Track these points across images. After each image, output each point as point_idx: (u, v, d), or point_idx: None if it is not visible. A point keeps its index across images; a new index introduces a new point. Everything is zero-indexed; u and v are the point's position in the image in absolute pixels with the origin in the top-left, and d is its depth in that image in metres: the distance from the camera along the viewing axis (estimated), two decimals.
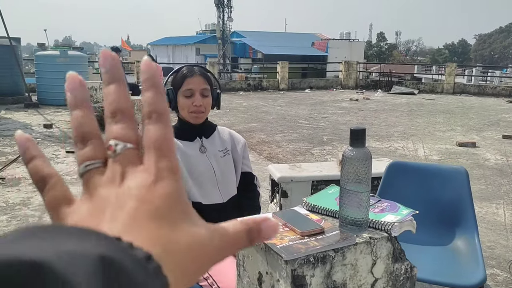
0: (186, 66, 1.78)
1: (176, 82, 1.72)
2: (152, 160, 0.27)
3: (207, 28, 43.86)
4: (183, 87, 1.70)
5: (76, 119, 0.30)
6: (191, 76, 1.71)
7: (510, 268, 2.74)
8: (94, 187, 0.27)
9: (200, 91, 1.71)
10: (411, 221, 1.31)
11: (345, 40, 39.46)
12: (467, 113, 9.91)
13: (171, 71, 6.43)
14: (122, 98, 0.30)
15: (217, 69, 15.25)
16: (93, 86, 8.49)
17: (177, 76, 1.74)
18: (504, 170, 5.07)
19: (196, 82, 1.70)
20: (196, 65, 1.82)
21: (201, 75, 1.73)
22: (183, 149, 1.70)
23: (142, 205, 0.25)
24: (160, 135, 0.28)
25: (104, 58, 0.30)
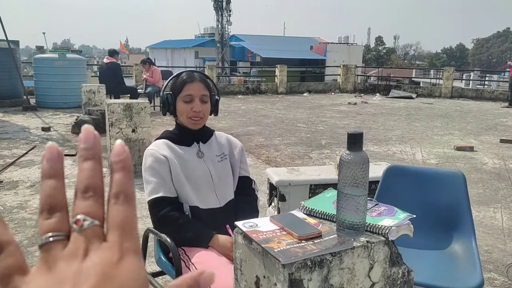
0: (186, 72, 1.79)
1: (176, 87, 1.73)
2: (117, 239, 0.28)
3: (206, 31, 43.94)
4: (183, 93, 1.71)
5: (47, 188, 0.30)
6: (191, 82, 1.72)
7: (507, 272, 2.74)
8: (54, 260, 0.27)
9: (200, 97, 1.72)
10: (408, 225, 1.32)
11: (344, 44, 39.56)
12: (465, 117, 9.94)
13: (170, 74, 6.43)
14: (97, 176, 0.31)
15: (215, 72, 15.26)
16: (91, 89, 8.49)
17: (177, 81, 1.75)
18: (501, 174, 5.08)
19: (196, 88, 1.72)
20: (195, 70, 1.83)
21: (201, 81, 1.74)
22: (181, 154, 1.71)
23: (106, 281, 0.26)
24: (126, 216, 0.29)
25: (86, 135, 0.31)
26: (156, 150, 1.70)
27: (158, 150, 1.69)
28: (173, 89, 1.75)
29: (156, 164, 1.66)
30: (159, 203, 1.64)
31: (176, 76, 1.78)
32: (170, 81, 1.79)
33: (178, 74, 1.78)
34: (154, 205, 1.65)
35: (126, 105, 4.65)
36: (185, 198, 1.67)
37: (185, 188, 1.67)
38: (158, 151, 1.69)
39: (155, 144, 1.75)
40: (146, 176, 1.67)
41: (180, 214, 1.65)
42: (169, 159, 1.67)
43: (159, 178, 1.65)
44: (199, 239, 1.63)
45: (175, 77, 1.78)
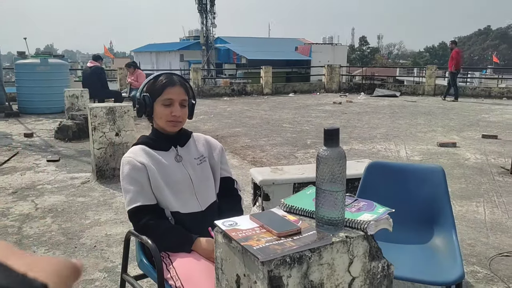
0: (165, 74, 1.75)
1: (155, 90, 1.70)
2: None
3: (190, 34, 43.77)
4: (163, 96, 1.68)
5: None
6: (172, 86, 1.69)
7: (490, 265, 2.78)
8: None
9: (180, 101, 1.70)
10: (387, 220, 1.33)
11: (328, 44, 39.81)
12: (447, 114, 10.07)
13: None
14: None
15: (201, 75, 15.22)
16: (74, 94, 8.40)
17: (155, 83, 1.71)
18: (484, 169, 5.16)
19: (176, 93, 1.69)
20: (174, 73, 1.77)
21: (181, 85, 1.72)
22: (159, 159, 1.68)
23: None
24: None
25: None
26: (133, 158, 1.66)
27: (135, 157, 1.66)
28: (151, 92, 1.70)
29: (134, 172, 1.63)
30: (138, 212, 1.61)
31: (154, 78, 1.74)
32: (148, 82, 1.75)
33: (157, 76, 1.74)
34: (134, 215, 1.62)
35: (109, 108, 4.61)
36: (166, 204, 1.65)
37: (164, 194, 1.64)
38: (135, 158, 1.65)
39: (132, 151, 1.71)
40: (124, 185, 1.64)
41: (160, 221, 1.62)
42: (147, 166, 1.64)
43: (137, 186, 1.62)
44: (181, 244, 1.61)
45: (153, 79, 1.74)
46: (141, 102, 1.71)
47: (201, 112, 9.98)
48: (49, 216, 3.66)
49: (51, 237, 3.21)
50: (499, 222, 3.52)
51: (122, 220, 3.53)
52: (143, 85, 1.76)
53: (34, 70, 10.05)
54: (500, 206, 3.90)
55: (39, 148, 6.41)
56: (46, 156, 5.78)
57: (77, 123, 7.06)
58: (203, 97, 13.98)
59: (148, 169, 1.63)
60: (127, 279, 1.79)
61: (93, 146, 4.63)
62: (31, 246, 3.06)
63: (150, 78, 1.76)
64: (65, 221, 3.54)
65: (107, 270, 2.70)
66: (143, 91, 1.72)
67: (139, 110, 1.74)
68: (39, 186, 4.51)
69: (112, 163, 4.67)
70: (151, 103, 1.70)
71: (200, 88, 14.47)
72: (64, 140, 6.83)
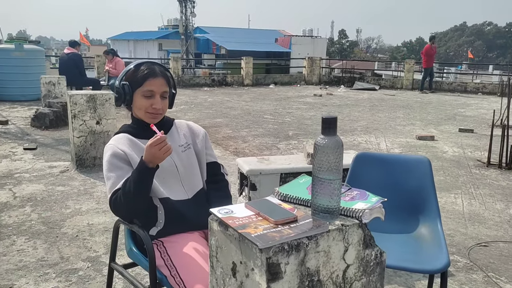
0: (146, 63, 1.70)
1: (136, 80, 1.65)
2: None
3: (169, 23, 43.17)
4: (144, 87, 1.64)
5: None
6: (153, 77, 1.65)
7: (469, 254, 2.86)
8: None
9: (161, 93, 1.67)
10: (380, 208, 1.35)
11: (308, 36, 39.90)
12: (425, 108, 10.26)
13: None
14: None
15: (180, 64, 15.05)
16: (51, 81, 8.19)
17: (136, 73, 1.66)
18: (461, 162, 5.29)
19: (158, 84, 1.66)
20: (155, 62, 1.73)
21: (163, 77, 1.68)
22: (142, 148, 1.61)
23: None
24: None
25: None
26: (114, 144, 1.62)
27: (117, 145, 1.62)
28: (131, 81, 1.66)
29: (115, 159, 1.59)
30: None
31: (135, 66, 1.69)
32: (128, 71, 1.69)
33: (138, 65, 1.69)
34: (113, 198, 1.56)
35: (89, 96, 4.51)
36: (154, 192, 1.62)
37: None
38: (117, 146, 1.62)
39: (114, 138, 1.67)
40: (106, 172, 1.59)
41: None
42: (129, 155, 1.60)
43: (118, 171, 1.57)
44: (139, 175, 1.51)
45: (134, 67, 1.69)
46: (120, 91, 1.66)
47: (181, 102, 9.88)
48: (28, 205, 3.57)
49: (31, 226, 3.14)
50: (477, 213, 3.62)
51: (104, 209, 3.47)
52: (123, 73, 1.70)
53: (9, 56, 9.73)
54: (477, 197, 4.01)
55: (15, 136, 6.23)
56: (23, 144, 5.63)
57: (54, 111, 6.89)
58: (183, 87, 13.84)
59: (130, 157, 1.59)
60: (115, 268, 1.77)
61: (72, 135, 4.53)
62: (11, 235, 2.98)
63: (130, 66, 1.71)
64: (45, 210, 3.47)
65: (91, 260, 2.66)
66: (123, 80, 1.67)
67: (117, 99, 1.69)
68: (16, 174, 4.39)
69: (92, 152, 4.59)
70: (131, 93, 1.66)
71: (180, 78, 14.32)
72: (41, 128, 6.66)
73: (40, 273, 2.49)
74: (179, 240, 1.60)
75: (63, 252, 2.75)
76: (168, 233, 1.63)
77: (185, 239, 1.60)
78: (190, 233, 1.64)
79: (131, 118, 1.76)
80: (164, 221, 1.63)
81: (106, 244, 2.87)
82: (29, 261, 2.63)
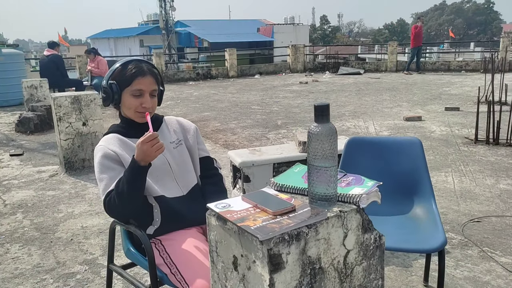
0: (134, 62, 1.67)
1: (124, 79, 1.62)
2: None
3: (149, 18, 42.66)
4: (133, 87, 1.62)
5: None
6: (142, 76, 1.62)
7: (463, 230, 2.90)
8: None
9: (150, 92, 1.64)
10: (376, 192, 1.35)
11: (290, 24, 39.77)
12: (411, 89, 10.33)
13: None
14: None
15: (163, 60, 14.91)
16: (32, 84, 8.05)
17: (124, 72, 1.63)
18: (449, 140, 5.35)
19: (147, 83, 1.63)
20: (143, 60, 1.70)
21: (151, 75, 1.65)
22: (133, 147, 1.59)
23: None
24: None
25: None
26: (104, 145, 1.60)
27: (107, 145, 1.60)
28: (119, 80, 1.63)
29: (106, 160, 1.57)
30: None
31: (122, 65, 1.66)
32: (115, 70, 1.66)
33: (125, 64, 1.66)
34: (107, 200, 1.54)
35: (74, 97, 4.44)
36: (148, 191, 1.60)
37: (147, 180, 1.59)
38: (107, 146, 1.60)
39: (104, 139, 1.65)
40: (98, 174, 1.57)
41: None
42: (120, 155, 1.58)
43: (110, 172, 1.55)
44: (132, 175, 1.49)
45: (121, 66, 1.66)
46: (107, 91, 1.63)
47: (167, 98, 9.80)
48: (19, 211, 3.52)
49: (24, 233, 3.10)
50: (468, 190, 3.67)
51: (98, 211, 3.44)
52: (109, 72, 1.67)
53: None
54: (468, 174, 4.06)
55: (0, 142, 6.13)
56: (9, 151, 5.54)
57: (39, 115, 6.79)
58: (167, 82, 13.73)
59: (122, 157, 1.58)
60: (114, 269, 1.76)
61: (59, 138, 4.47)
62: (4, 243, 2.94)
63: (117, 65, 1.68)
64: (37, 216, 3.42)
65: (87, 263, 2.64)
66: (110, 79, 1.64)
67: (105, 99, 1.66)
68: (4, 181, 4.32)
69: (81, 154, 4.54)
70: (119, 92, 1.63)
71: (164, 73, 14.19)
72: (26, 133, 6.56)
73: (37, 280, 2.46)
74: (177, 237, 1.59)
75: (59, 257, 2.73)
76: (166, 231, 1.62)
77: (183, 236, 1.59)
78: (187, 230, 1.64)
79: (119, 118, 1.73)
80: (160, 219, 1.62)
81: (102, 246, 2.85)
82: (25, 268, 2.60)
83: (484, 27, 65.86)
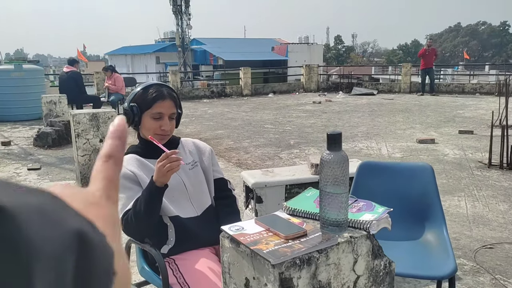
0: (154, 86, 1.74)
1: (145, 102, 1.69)
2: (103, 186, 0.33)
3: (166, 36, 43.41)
4: (153, 110, 1.68)
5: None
6: (162, 99, 1.69)
7: (475, 257, 2.88)
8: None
9: (169, 115, 1.71)
10: (387, 219, 1.38)
11: (304, 44, 40.09)
12: (424, 111, 10.31)
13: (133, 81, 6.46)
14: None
15: (179, 77, 15.14)
16: (52, 100, 8.25)
17: (145, 95, 1.70)
18: (462, 164, 5.32)
19: (167, 106, 1.70)
20: (164, 84, 1.77)
21: (171, 99, 1.72)
22: (151, 168, 1.66)
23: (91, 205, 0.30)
24: (114, 174, 0.35)
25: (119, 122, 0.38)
26: (124, 165, 1.66)
27: (126, 166, 1.66)
28: (140, 103, 1.70)
29: (124, 180, 1.63)
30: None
31: (143, 89, 1.73)
32: (136, 93, 1.73)
33: (146, 88, 1.73)
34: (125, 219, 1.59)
35: (92, 115, 4.56)
36: (164, 211, 1.65)
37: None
38: (126, 167, 1.65)
39: (123, 159, 1.71)
40: None
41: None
42: (138, 175, 1.64)
43: (128, 192, 1.61)
44: (149, 195, 1.55)
45: (143, 89, 1.73)
46: (128, 113, 1.70)
47: (182, 115, 9.90)
48: None
49: None
50: (481, 215, 3.65)
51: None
52: (131, 96, 1.74)
53: (9, 76, 9.81)
54: (481, 199, 4.03)
55: (18, 156, 6.27)
56: (27, 165, 5.66)
57: (57, 130, 6.94)
58: (182, 99, 13.76)
59: (140, 178, 1.64)
60: None
61: (76, 153, 4.57)
62: None
63: (139, 89, 1.75)
64: None
65: None
66: (131, 101, 1.71)
67: (126, 120, 1.72)
68: None
69: None
70: (140, 114, 1.70)
71: (179, 90, 14.40)
72: (44, 148, 6.70)
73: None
74: (190, 257, 1.63)
75: None
76: (179, 251, 1.66)
77: (196, 256, 1.63)
78: (201, 250, 1.68)
79: (138, 139, 1.80)
80: (175, 239, 1.66)
81: None
82: None
83: (499, 50, 65.52)
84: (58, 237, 0.23)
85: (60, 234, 0.23)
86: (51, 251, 0.23)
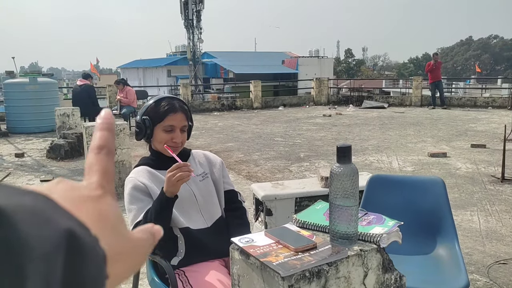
0: (166, 99, 1.76)
1: (157, 115, 1.71)
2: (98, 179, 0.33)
3: (177, 50, 43.92)
4: (165, 122, 1.71)
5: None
6: (174, 112, 1.71)
7: (488, 272, 2.83)
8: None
9: (181, 127, 1.73)
10: (397, 232, 1.37)
11: (314, 57, 40.25)
12: (436, 124, 10.24)
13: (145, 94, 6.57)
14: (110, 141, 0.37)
15: (190, 90, 15.28)
16: (65, 112, 8.38)
17: (157, 108, 1.73)
18: (475, 178, 5.26)
19: (178, 119, 1.72)
20: (175, 97, 1.80)
21: (183, 112, 1.74)
22: (162, 179, 1.67)
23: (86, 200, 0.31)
24: (107, 165, 0.35)
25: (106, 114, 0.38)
26: (134, 177, 1.69)
27: (137, 177, 1.69)
28: (152, 116, 1.72)
29: (135, 191, 1.65)
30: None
31: (155, 102, 1.75)
32: (148, 106, 1.76)
33: (158, 101, 1.75)
34: None
35: None
36: (174, 222, 1.67)
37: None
38: (137, 178, 1.68)
39: (135, 171, 1.74)
40: (127, 205, 1.65)
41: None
42: (149, 187, 1.66)
43: (139, 204, 1.63)
44: (159, 206, 1.57)
45: (155, 103, 1.75)
46: (141, 126, 1.72)
47: (192, 128, 9.97)
48: None
49: None
50: (494, 230, 3.59)
51: None
52: (143, 109, 1.77)
53: (23, 89, 10.01)
54: (494, 214, 3.98)
55: (31, 168, 6.36)
56: (40, 176, 5.73)
57: (69, 142, 7.03)
58: (193, 112, 13.80)
59: (150, 189, 1.66)
60: None
61: None
62: None
63: (151, 102, 1.78)
64: None
65: None
66: (143, 115, 1.74)
67: (138, 133, 1.75)
68: None
69: None
70: (152, 127, 1.72)
71: (190, 103, 14.51)
72: (56, 160, 6.79)
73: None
74: (200, 269, 1.64)
75: None
76: (189, 263, 1.67)
77: (206, 268, 1.64)
78: (210, 262, 1.68)
79: (149, 151, 1.82)
80: (184, 250, 1.67)
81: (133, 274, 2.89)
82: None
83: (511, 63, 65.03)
84: (48, 236, 0.24)
85: (49, 234, 0.24)
86: (42, 250, 0.23)
